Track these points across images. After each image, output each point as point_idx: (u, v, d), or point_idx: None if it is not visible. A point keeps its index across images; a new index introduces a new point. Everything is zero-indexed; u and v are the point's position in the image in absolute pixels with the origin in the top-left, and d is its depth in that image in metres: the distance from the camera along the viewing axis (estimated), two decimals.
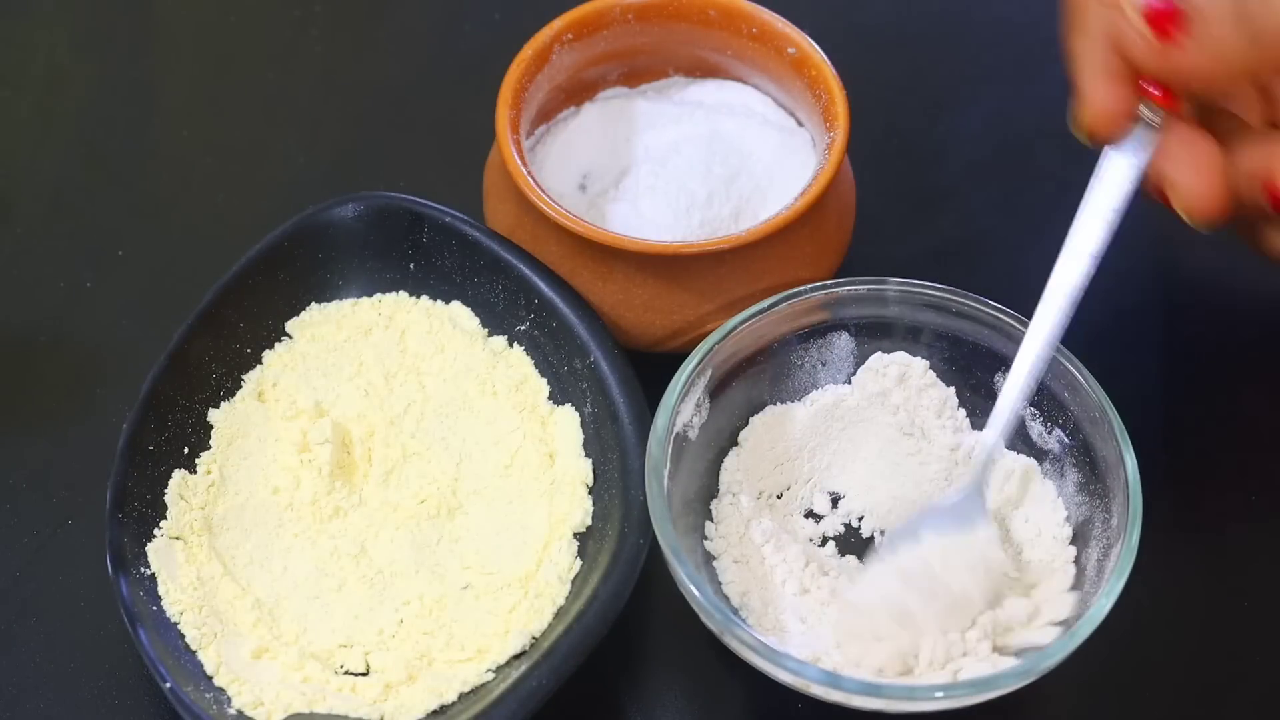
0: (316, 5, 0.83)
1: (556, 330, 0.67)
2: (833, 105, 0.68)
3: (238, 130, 0.79)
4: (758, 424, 0.67)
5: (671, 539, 0.60)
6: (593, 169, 0.71)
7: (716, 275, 0.66)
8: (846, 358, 0.67)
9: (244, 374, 0.68)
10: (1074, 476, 0.64)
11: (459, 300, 0.69)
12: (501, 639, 0.62)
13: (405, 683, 0.61)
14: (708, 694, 0.64)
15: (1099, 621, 0.59)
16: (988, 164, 0.66)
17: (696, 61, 0.73)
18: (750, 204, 0.69)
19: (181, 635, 0.62)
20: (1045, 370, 0.62)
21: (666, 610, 0.64)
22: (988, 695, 0.58)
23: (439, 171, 0.77)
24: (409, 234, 0.69)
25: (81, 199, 0.77)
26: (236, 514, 0.65)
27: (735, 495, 0.65)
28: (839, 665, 0.60)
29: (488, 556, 0.64)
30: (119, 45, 0.82)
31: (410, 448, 0.67)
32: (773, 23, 0.70)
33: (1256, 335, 0.72)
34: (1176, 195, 0.61)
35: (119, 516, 0.63)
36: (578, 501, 0.65)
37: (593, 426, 0.66)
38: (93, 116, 0.80)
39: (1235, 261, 0.75)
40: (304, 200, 0.70)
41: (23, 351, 0.71)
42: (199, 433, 0.66)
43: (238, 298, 0.68)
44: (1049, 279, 0.61)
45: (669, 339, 0.68)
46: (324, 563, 0.64)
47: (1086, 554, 0.63)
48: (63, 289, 0.73)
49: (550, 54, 0.70)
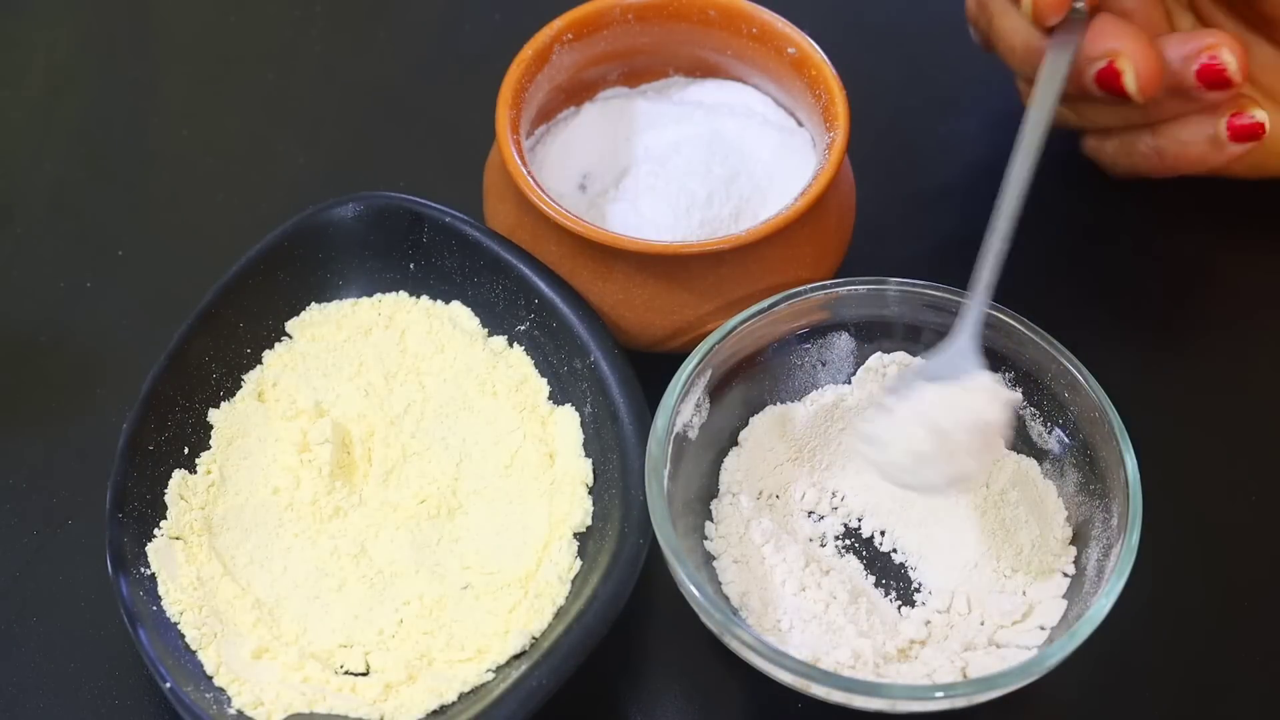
0: (316, 5, 0.83)
1: (556, 330, 0.67)
2: (833, 105, 0.68)
3: (238, 130, 0.79)
4: (758, 424, 0.67)
5: (671, 539, 0.60)
6: (593, 169, 0.71)
7: (716, 275, 0.66)
8: (846, 358, 0.67)
9: (244, 374, 0.68)
10: (1074, 476, 0.64)
11: (459, 300, 0.69)
12: (501, 639, 0.62)
13: (405, 683, 0.61)
14: (708, 694, 0.64)
15: (1099, 621, 0.59)
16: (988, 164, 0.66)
17: (696, 61, 0.73)
18: (750, 204, 0.69)
19: (181, 635, 0.62)
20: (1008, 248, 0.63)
21: (666, 610, 0.64)
22: (989, 695, 0.58)
23: (439, 171, 0.77)
24: (409, 234, 0.69)
25: (81, 199, 0.77)
26: (236, 514, 0.65)
27: (735, 495, 0.66)
28: (839, 665, 0.60)
29: (488, 556, 0.64)
30: (119, 45, 0.82)
31: (410, 448, 0.67)
32: (773, 23, 0.70)
33: (1257, 334, 0.72)
34: (1127, 66, 0.65)
35: (119, 516, 0.63)
36: (578, 501, 0.65)
37: (593, 426, 0.66)
38: (93, 116, 0.80)
39: (1235, 258, 0.75)
40: (304, 200, 0.70)
41: (23, 351, 0.71)
42: (199, 433, 0.66)
43: (238, 298, 0.68)
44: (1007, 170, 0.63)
45: (669, 339, 0.68)
46: (324, 563, 0.64)
47: (1086, 554, 0.63)
48: (63, 289, 0.73)
49: (550, 54, 0.70)
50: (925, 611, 0.63)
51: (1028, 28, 0.67)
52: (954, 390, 0.61)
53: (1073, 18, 0.66)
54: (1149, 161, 0.71)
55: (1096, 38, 0.66)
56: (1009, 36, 0.68)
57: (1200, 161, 0.70)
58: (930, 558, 0.65)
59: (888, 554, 0.65)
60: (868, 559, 0.65)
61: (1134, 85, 0.66)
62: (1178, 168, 0.70)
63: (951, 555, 0.65)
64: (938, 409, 0.60)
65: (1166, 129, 0.70)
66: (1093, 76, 0.67)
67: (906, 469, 0.60)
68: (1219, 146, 0.69)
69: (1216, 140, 0.69)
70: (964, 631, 0.63)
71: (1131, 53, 0.66)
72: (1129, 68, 0.66)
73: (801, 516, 0.66)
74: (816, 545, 0.65)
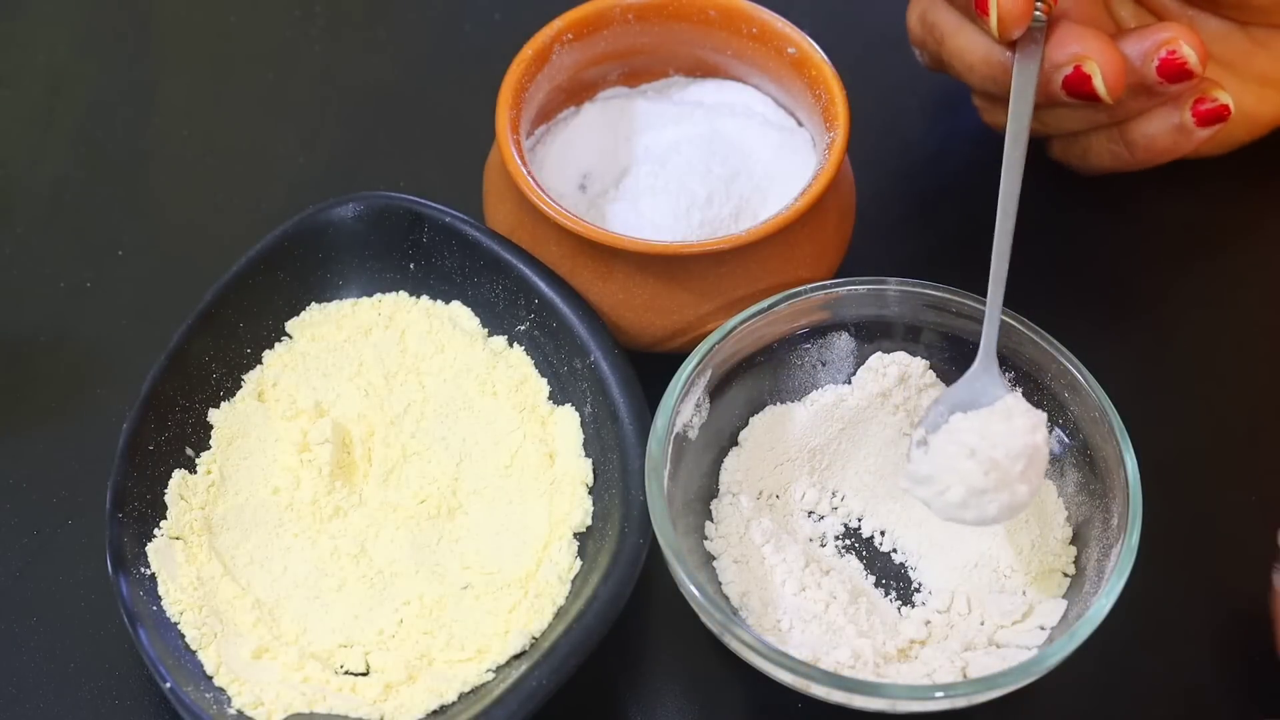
0: (316, 5, 0.83)
1: (556, 330, 0.67)
2: (833, 105, 0.68)
3: (238, 130, 0.79)
4: (758, 424, 0.67)
5: (671, 539, 0.60)
6: (593, 169, 0.71)
7: (716, 275, 0.66)
8: (846, 358, 0.67)
9: (244, 374, 0.68)
10: (1074, 476, 0.64)
11: (459, 300, 0.69)
12: (501, 639, 0.62)
13: (405, 683, 0.61)
14: (708, 694, 0.64)
15: (1099, 621, 0.59)
16: (988, 164, 0.66)
17: (696, 61, 0.73)
18: (750, 204, 0.69)
19: (181, 635, 0.62)
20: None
21: (666, 610, 0.64)
22: (989, 695, 0.58)
23: (439, 171, 0.77)
24: (409, 234, 0.69)
25: (81, 199, 0.77)
26: (236, 514, 0.65)
27: (735, 495, 0.66)
28: (839, 665, 0.60)
29: (488, 556, 0.64)
30: (119, 45, 0.82)
31: (410, 448, 0.67)
32: (773, 23, 0.70)
33: (1257, 333, 0.72)
34: (1095, 68, 0.65)
35: (119, 516, 0.63)
36: (578, 501, 0.65)
37: (593, 426, 0.66)
38: (93, 116, 0.80)
39: (1235, 260, 0.75)
40: (304, 200, 0.70)
41: (23, 351, 0.71)
42: (199, 433, 0.66)
43: (238, 298, 0.68)
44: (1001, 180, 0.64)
45: (669, 339, 0.68)
46: (324, 563, 0.64)
47: (1086, 554, 0.63)
48: (63, 289, 0.73)
49: (550, 54, 0.70)
50: (925, 611, 0.63)
51: (987, 43, 0.67)
52: (989, 417, 0.61)
53: (1033, 27, 0.66)
54: (1119, 158, 0.71)
55: (1059, 44, 0.66)
56: (965, 55, 0.68)
57: (1170, 151, 0.70)
58: (930, 558, 0.65)
59: (888, 554, 0.65)
60: (868, 559, 0.65)
61: (1103, 87, 0.66)
62: (1149, 160, 0.71)
63: (951, 555, 0.65)
64: (982, 439, 0.60)
65: (1133, 125, 0.70)
66: (1060, 83, 0.66)
67: (965, 505, 0.60)
68: (1187, 134, 0.69)
69: (1184, 128, 0.69)
70: (964, 631, 0.63)
71: (1096, 54, 0.66)
72: (1096, 70, 0.66)
73: (801, 516, 0.66)
74: (816, 545, 0.65)
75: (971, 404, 0.62)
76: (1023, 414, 0.61)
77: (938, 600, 0.64)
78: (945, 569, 0.64)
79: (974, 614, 0.63)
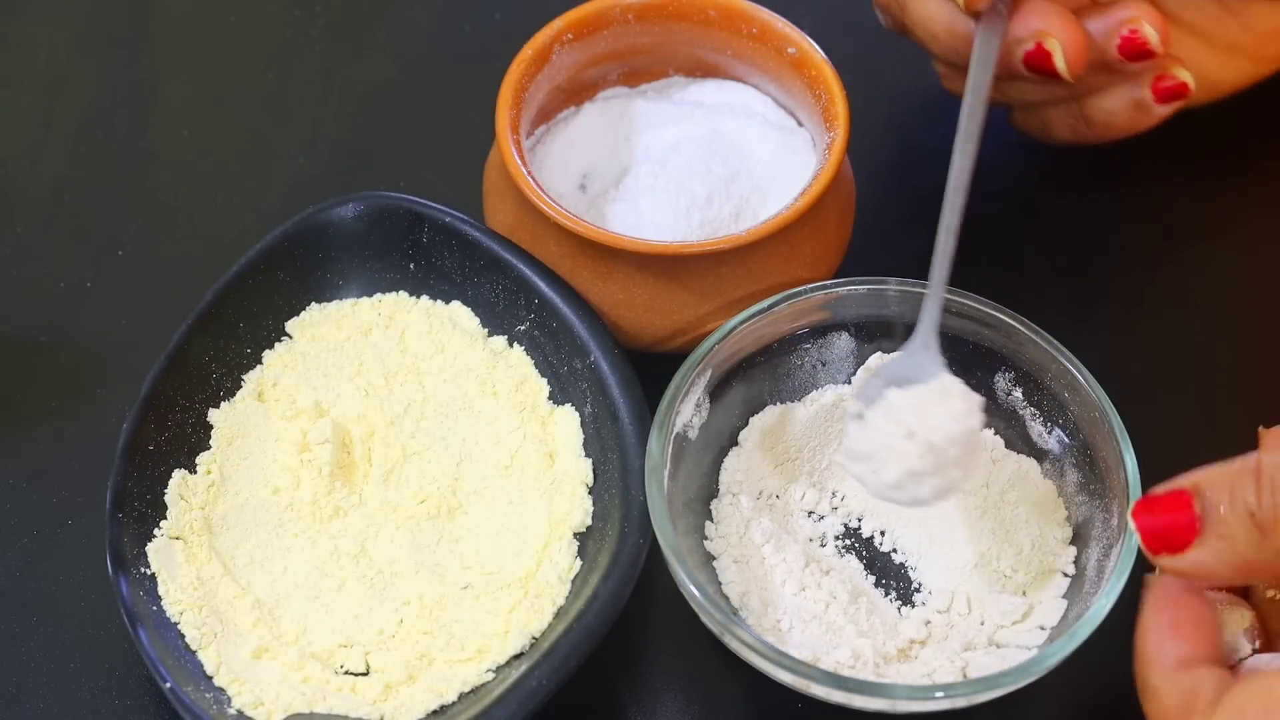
0: (316, 5, 0.83)
1: (556, 330, 0.67)
2: (833, 105, 0.68)
3: (238, 130, 0.79)
4: (758, 424, 0.67)
5: (671, 539, 0.60)
6: (593, 169, 0.71)
7: (716, 275, 0.66)
8: (846, 358, 0.67)
9: (244, 374, 0.68)
10: (1074, 476, 0.64)
11: (459, 300, 0.69)
12: (501, 639, 0.62)
13: (405, 683, 0.61)
14: (708, 694, 0.64)
15: (1099, 621, 0.59)
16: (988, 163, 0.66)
17: (696, 61, 0.73)
18: (750, 204, 0.69)
19: (181, 635, 0.62)
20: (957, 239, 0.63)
21: (666, 610, 0.64)
22: (989, 695, 0.58)
23: (439, 171, 0.77)
24: (409, 234, 0.69)
25: (81, 199, 0.77)
26: (236, 514, 0.65)
27: (735, 495, 0.66)
28: (839, 665, 0.60)
29: (488, 556, 0.64)
30: (119, 45, 0.82)
31: (410, 448, 0.67)
32: (773, 23, 0.70)
33: (1257, 333, 0.72)
34: (1056, 45, 0.65)
35: (119, 516, 0.63)
36: (578, 501, 0.65)
37: (593, 426, 0.66)
38: (93, 116, 0.80)
39: (1233, 258, 0.75)
40: (304, 200, 0.70)
41: (23, 351, 0.71)
42: (199, 433, 0.66)
43: (238, 298, 0.68)
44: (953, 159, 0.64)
45: (669, 339, 0.68)
46: (324, 563, 0.64)
47: (1086, 554, 0.63)
48: (63, 289, 0.73)
49: (550, 54, 0.70)
50: (925, 611, 0.63)
51: (951, 12, 0.67)
52: (925, 396, 0.60)
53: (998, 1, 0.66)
54: (1078, 133, 0.71)
55: (1023, 19, 0.66)
56: (929, 24, 0.68)
57: (1130, 127, 0.70)
58: (930, 558, 0.65)
59: (888, 554, 0.65)
60: (868, 559, 0.65)
61: (1064, 64, 0.66)
62: (1108, 135, 0.71)
63: (951, 555, 0.65)
64: (918, 419, 0.60)
65: (1093, 100, 0.70)
66: (1021, 58, 0.67)
67: (900, 485, 0.60)
68: (1146, 110, 0.69)
69: (1143, 105, 0.69)
70: (964, 631, 0.63)
71: (1059, 32, 0.66)
72: (1057, 47, 0.66)
73: (801, 516, 0.66)
74: (816, 545, 0.65)
75: (908, 380, 0.61)
76: (960, 396, 0.60)
77: (938, 600, 0.64)
78: (945, 569, 0.64)
79: (974, 614, 0.63)
